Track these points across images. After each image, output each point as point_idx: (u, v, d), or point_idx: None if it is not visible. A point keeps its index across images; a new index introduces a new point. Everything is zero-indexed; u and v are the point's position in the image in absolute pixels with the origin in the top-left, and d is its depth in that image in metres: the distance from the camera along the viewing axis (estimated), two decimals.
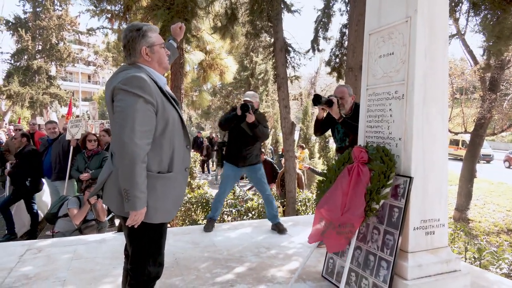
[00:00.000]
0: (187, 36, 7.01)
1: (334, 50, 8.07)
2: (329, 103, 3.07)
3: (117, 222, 5.33)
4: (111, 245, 3.52)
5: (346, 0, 7.65)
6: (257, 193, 6.93)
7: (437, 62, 2.38)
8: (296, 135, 10.26)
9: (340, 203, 2.37)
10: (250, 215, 6.34)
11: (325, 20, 7.97)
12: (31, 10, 23.19)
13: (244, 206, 6.43)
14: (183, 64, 8.34)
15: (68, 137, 5.53)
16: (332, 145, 16.20)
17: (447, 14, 2.47)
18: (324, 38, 8.05)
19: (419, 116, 2.31)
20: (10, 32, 22.76)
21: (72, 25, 24.11)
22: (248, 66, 17.04)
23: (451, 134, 14.59)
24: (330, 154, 15.58)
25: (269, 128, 3.87)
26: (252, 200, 6.59)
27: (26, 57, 22.72)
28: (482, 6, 6.20)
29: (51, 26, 22.71)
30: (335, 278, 2.67)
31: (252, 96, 3.90)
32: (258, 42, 9.18)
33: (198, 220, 6.37)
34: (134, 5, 7.71)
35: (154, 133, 1.72)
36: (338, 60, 7.98)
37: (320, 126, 3.48)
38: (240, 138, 3.89)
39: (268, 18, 7.24)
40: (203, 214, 6.41)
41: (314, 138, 16.86)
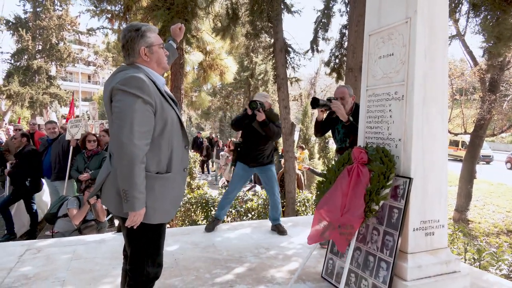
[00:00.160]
0: (187, 36, 7.02)
1: (334, 51, 8.08)
2: (327, 107, 3.12)
3: (116, 222, 5.32)
4: (111, 245, 3.52)
5: (346, 1, 7.66)
6: (257, 193, 6.93)
7: (437, 62, 2.38)
8: (295, 136, 10.26)
9: (339, 204, 2.37)
10: (250, 216, 6.34)
11: (324, 20, 7.97)
12: (31, 10, 23.19)
13: (243, 206, 6.43)
14: (183, 64, 8.34)
15: (67, 137, 5.54)
16: (332, 145, 16.21)
17: (447, 14, 2.47)
18: (323, 39, 8.06)
19: (419, 117, 2.31)
20: (10, 32, 22.76)
21: (72, 25, 24.10)
22: (248, 66, 17.04)
23: (451, 135, 14.59)
24: (330, 154, 15.58)
25: (281, 127, 3.81)
26: (251, 200, 6.58)
27: (26, 57, 22.70)
28: (482, 7, 6.20)
29: (51, 26, 22.69)
30: (335, 279, 2.67)
31: (262, 96, 3.86)
32: (258, 42, 9.19)
33: (198, 220, 6.37)
34: (134, 5, 7.71)
35: (152, 133, 1.71)
36: (337, 60, 7.99)
37: (320, 128, 3.50)
38: (251, 138, 3.89)
39: (268, 19, 7.25)
40: (203, 214, 6.41)
41: (313, 139, 16.85)
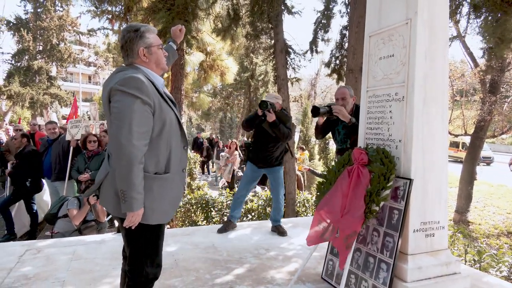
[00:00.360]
0: (188, 38, 7.03)
1: (334, 52, 8.09)
2: (329, 113, 3.13)
3: (116, 223, 5.32)
4: (111, 245, 3.52)
5: (347, 2, 7.66)
6: (257, 194, 6.92)
7: (437, 63, 2.38)
8: (296, 137, 10.26)
9: (340, 205, 2.36)
10: (250, 217, 6.33)
11: (324, 21, 7.98)
12: (32, 10, 23.23)
13: (244, 207, 6.42)
14: (184, 65, 8.36)
15: (68, 137, 5.54)
16: (332, 146, 16.21)
17: (447, 15, 2.47)
18: (323, 40, 8.06)
19: (419, 118, 2.31)
20: (11, 32, 22.80)
21: (73, 25, 24.13)
22: (248, 67, 17.02)
23: (451, 136, 14.58)
24: (330, 155, 15.58)
25: (292, 129, 3.82)
26: (252, 201, 6.58)
27: (26, 57, 22.74)
28: (483, 9, 6.20)
29: (52, 27, 22.72)
30: (335, 280, 2.67)
31: (273, 97, 3.83)
32: (259, 43, 9.19)
33: (198, 221, 6.36)
34: (135, 6, 7.73)
35: (151, 134, 1.71)
36: (338, 62, 7.99)
37: (321, 131, 3.54)
38: (261, 139, 3.89)
39: (268, 20, 7.26)
40: (203, 215, 6.40)
41: (314, 140, 16.85)
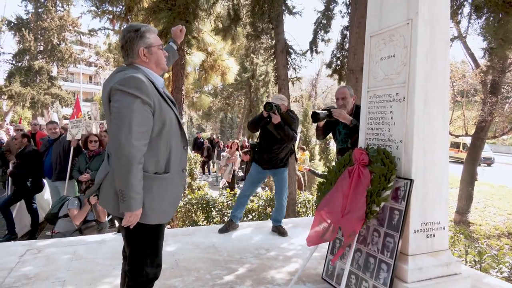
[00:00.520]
0: (188, 38, 7.03)
1: (335, 52, 8.08)
2: (329, 117, 3.14)
3: (117, 223, 5.32)
4: (111, 245, 3.52)
5: (347, 2, 7.67)
6: (257, 194, 6.92)
7: (438, 64, 2.38)
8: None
9: (340, 205, 2.36)
10: (250, 217, 6.33)
11: (324, 22, 7.98)
12: (33, 10, 23.27)
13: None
14: (185, 65, 8.37)
15: (68, 137, 5.55)
16: (332, 147, 16.20)
17: (448, 16, 2.47)
18: (323, 40, 8.06)
19: (420, 118, 2.31)
20: (12, 32, 22.84)
21: (73, 26, 24.18)
22: (249, 67, 17.04)
23: (452, 137, 14.56)
24: (331, 156, 15.58)
25: (297, 131, 3.83)
26: (252, 201, 6.57)
27: (27, 57, 22.78)
28: (485, 9, 6.19)
29: (53, 27, 22.77)
30: (335, 281, 2.67)
31: (278, 98, 3.83)
32: (259, 43, 9.19)
33: (198, 221, 6.36)
34: (136, 6, 7.74)
35: (151, 134, 1.71)
36: (339, 62, 7.99)
37: (322, 132, 3.56)
38: (266, 140, 3.91)
39: (269, 20, 7.26)
40: (203, 215, 6.40)
41: (314, 140, 16.87)
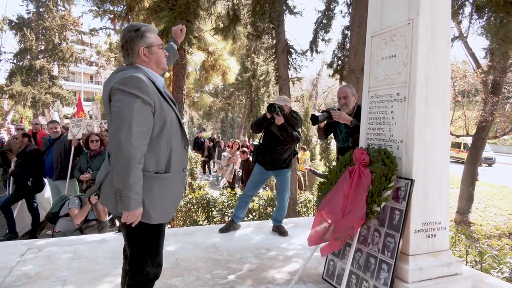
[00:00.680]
0: (189, 37, 7.03)
1: (336, 52, 8.08)
2: (328, 118, 3.15)
3: (118, 222, 5.33)
4: (112, 245, 3.53)
5: (348, 2, 7.66)
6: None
7: (439, 64, 2.37)
8: None
9: (341, 205, 2.36)
10: (251, 217, 6.33)
11: (325, 21, 7.97)
12: (34, 10, 23.28)
13: None
14: (185, 65, 8.37)
15: (69, 137, 5.56)
16: (333, 147, 16.19)
17: (449, 16, 2.46)
18: (323, 40, 8.06)
19: (421, 118, 2.31)
20: (13, 31, 22.86)
21: (75, 25, 24.19)
22: (249, 67, 17.03)
23: (453, 137, 14.55)
24: (331, 156, 15.56)
25: (300, 133, 3.85)
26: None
27: (28, 56, 22.79)
28: (486, 9, 6.18)
29: (54, 26, 22.78)
30: (336, 281, 2.67)
31: (282, 99, 3.84)
32: (260, 43, 9.19)
33: (199, 221, 6.36)
34: (137, 6, 7.75)
35: (151, 133, 1.71)
36: (340, 62, 7.99)
37: (324, 132, 3.57)
38: (269, 141, 3.92)
39: (270, 20, 7.26)
40: (204, 215, 6.40)
41: (315, 140, 16.86)
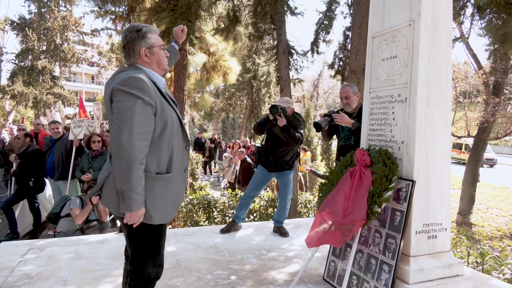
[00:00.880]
0: (190, 38, 7.04)
1: (337, 53, 8.07)
2: (330, 122, 3.18)
3: (119, 222, 5.33)
4: (113, 245, 3.53)
5: (349, 3, 7.66)
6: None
7: (440, 65, 2.37)
8: None
9: (342, 206, 2.36)
10: (252, 217, 6.33)
11: (326, 22, 7.97)
12: (36, 10, 23.35)
13: None
14: (187, 65, 8.37)
15: (71, 137, 5.57)
16: (334, 147, 16.17)
17: (451, 17, 2.46)
18: (324, 41, 8.05)
19: (422, 119, 2.31)
20: (15, 32, 22.93)
21: (76, 26, 24.26)
22: (251, 68, 17.05)
23: (454, 138, 14.53)
24: (332, 156, 15.56)
25: (303, 134, 3.86)
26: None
27: (30, 57, 22.85)
28: (487, 10, 6.18)
29: (56, 27, 22.85)
30: (336, 281, 2.66)
31: (284, 101, 3.83)
32: (261, 44, 9.19)
33: (200, 221, 6.37)
34: (138, 6, 7.76)
35: (152, 134, 1.71)
36: (341, 63, 7.98)
37: (327, 134, 3.60)
38: (272, 143, 3.92)
39: (271, 21, 7.26)
40: (205, 215, 6.40)
41: (316, 141, 16.84)
